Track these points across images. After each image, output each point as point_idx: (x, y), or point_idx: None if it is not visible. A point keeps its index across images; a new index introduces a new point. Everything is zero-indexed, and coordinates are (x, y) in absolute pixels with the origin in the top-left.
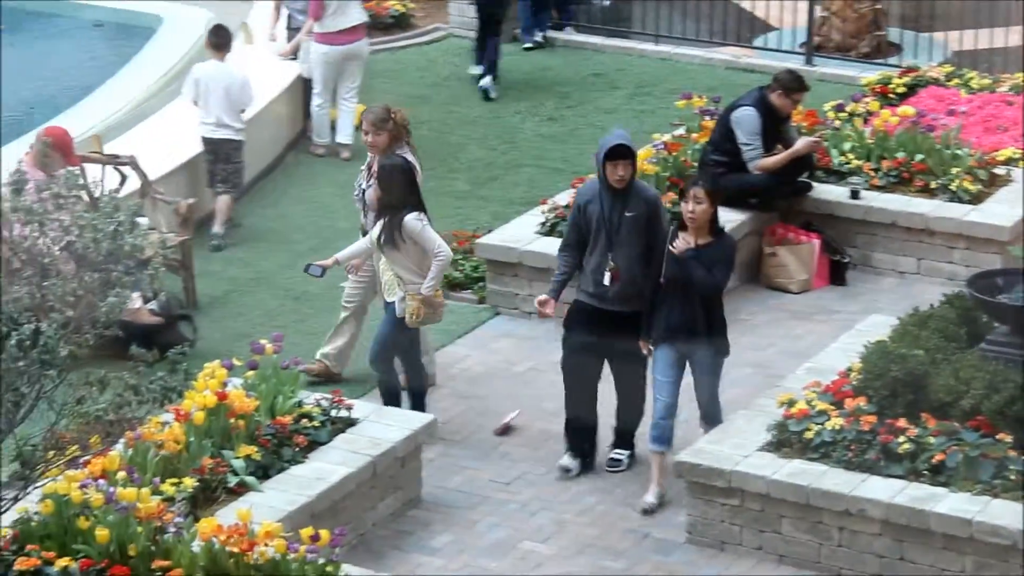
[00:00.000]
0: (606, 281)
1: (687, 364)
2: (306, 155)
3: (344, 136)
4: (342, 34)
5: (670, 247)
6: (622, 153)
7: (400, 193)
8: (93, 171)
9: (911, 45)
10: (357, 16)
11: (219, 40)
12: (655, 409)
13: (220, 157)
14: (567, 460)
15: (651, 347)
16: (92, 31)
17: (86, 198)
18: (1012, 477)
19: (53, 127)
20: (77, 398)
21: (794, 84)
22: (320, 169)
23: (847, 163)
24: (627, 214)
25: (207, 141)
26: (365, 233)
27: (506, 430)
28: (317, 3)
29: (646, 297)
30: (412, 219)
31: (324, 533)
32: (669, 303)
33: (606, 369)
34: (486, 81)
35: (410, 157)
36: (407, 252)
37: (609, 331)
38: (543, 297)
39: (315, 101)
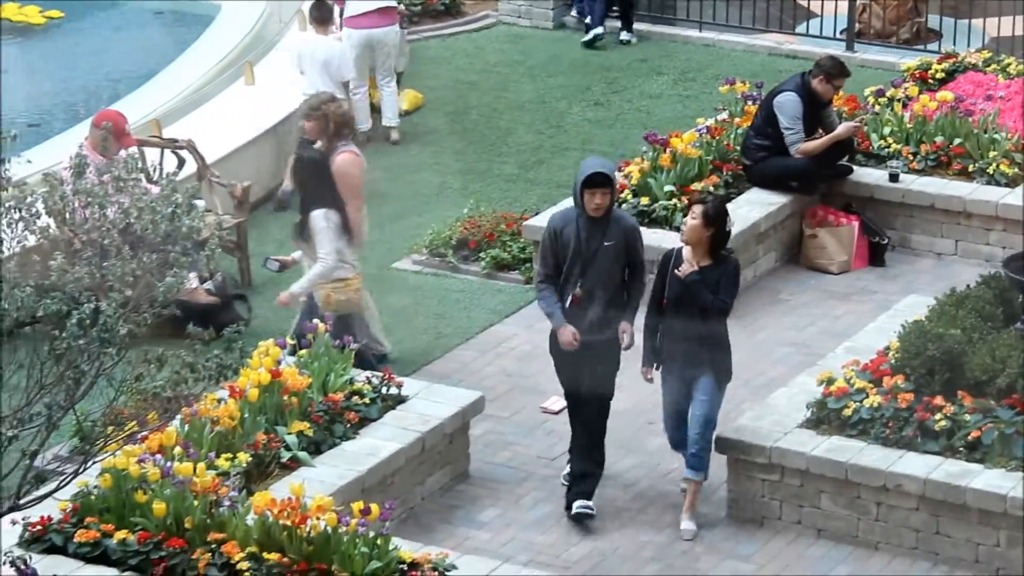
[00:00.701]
0: (566, 304)
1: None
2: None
3: (388, 119)
4: (365, 17)
5: (675, 270)
6: (600, 181)
7: (309, 188)
8: (152, 155)
9: (950, 32)
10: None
11: (321, 15)
12: (689, 439)
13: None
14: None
15: (651, 376)
16: (153, 19)
17: (145, 181)
18: None
19: (107, 111)
20: (135, 375)
21: (835, 70)
22: (368, 154)
23: (887, 147)
24: (605, 243)
25: None
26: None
27: (552, 411)
28: None
29: (646, 325)
30: (318, 216)
31: (374, 507)
32: (670, 328)
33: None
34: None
35: (354, 151)
36: (314, 246)
37: (581, 360)
38: (561, 328)
39: (352, 87)
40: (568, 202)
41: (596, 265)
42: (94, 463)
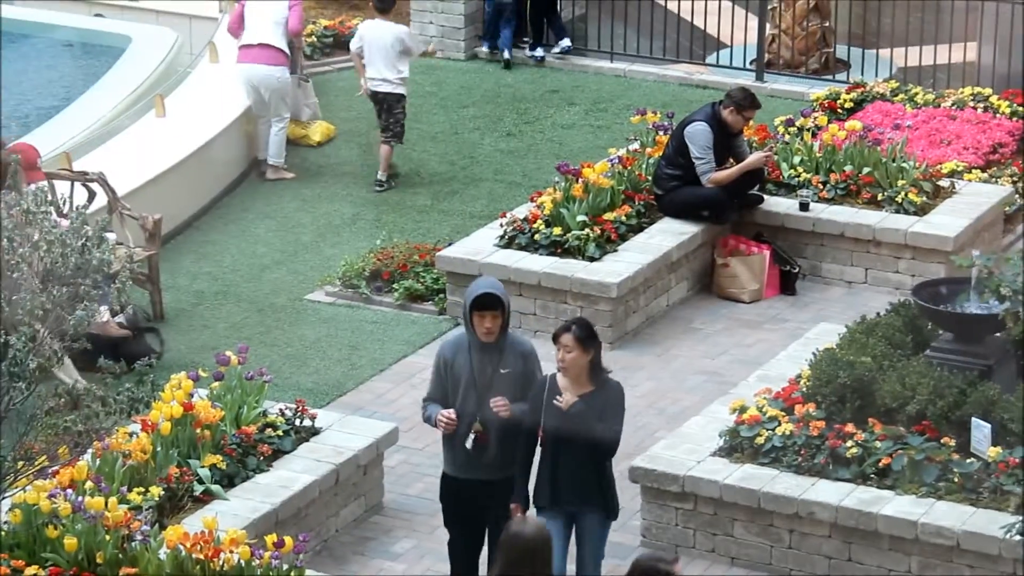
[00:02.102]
0: (468, 444)
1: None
2: None
3: (262, 153)
4: (243, 50)
5: (555, 401)
6: (490, 303)
7: None
8: (62, 187)
9: (858, 62)
10: (260, 35)
11: (383, 5)
12: None
13: (383, 108)
14: None
15: (523, 512)
16: (62, 51)
17: (55, 214)
18: (956, 480)
19: (18, 143)
20: (46, 410)
21: (746, 101)
22: (284, 185)
23: (797, 176)
24: (501, 371)
25: (372, 94)
26: None
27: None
28: (235, 14)
29: (518, 458)
30: None
31: (288, 540)
32: (552, 462)
33: None
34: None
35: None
36: None
37: (484, 504)
38: (439, 412)
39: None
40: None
41: (492, 396)
42: (4, 498)
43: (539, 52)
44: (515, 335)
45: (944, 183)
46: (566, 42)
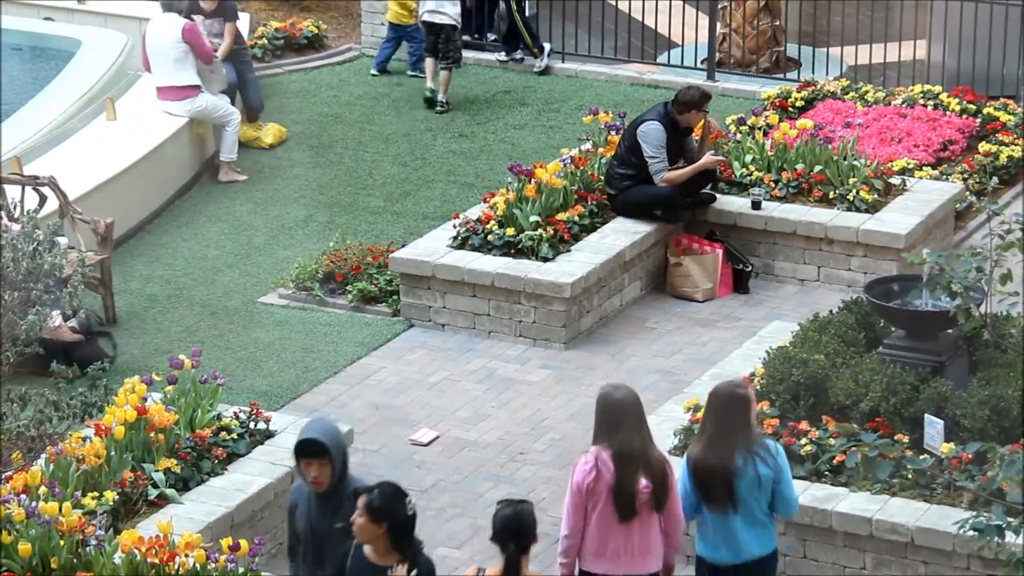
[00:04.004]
0: None
1: None
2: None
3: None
4: (156, 88)
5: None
6: (313, 450)
7: None
8: (13, 192)
9: (809, 60)
10: (161, 79)
11: None
12: None
13: (440, 38)
14: None
15: None
16: (11, 55)
17: (6, 219)
18: (909, 476)
19: None
20: None
21: (703, 99)
22: (236, 187)
23: (749, 175)
24: (336, 525)
25: (427, 24)
26: None
27: (421, 443)
28: (142, 51)
29: None
30: None
31: (243, 543)
32: None
33: None
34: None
35: None
36: None
37: None
38: None
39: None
40: (444, 236)
41: (332, 551)
42: None
43: (518, 54)
44: (358, 483)
45: (895, 181)
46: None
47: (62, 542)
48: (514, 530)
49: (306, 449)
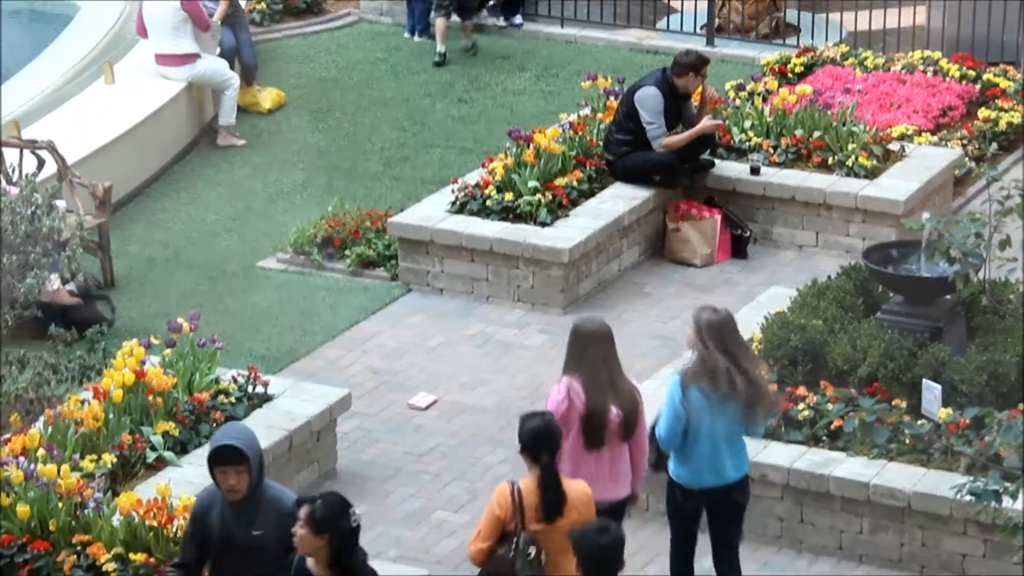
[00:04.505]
0: None
1: None
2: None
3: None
4: (155, 55)
5: None
6: (229, 457)
7: None
8: (11, 156)
9: (808, 26)
10: (159, 46)
11: None
12: None
13: None
14: None
15: None
16: (9, 19)
17: (4, 182)
18: (907, 441)
19: None
20: None
21: (699, 61)
22: (234, 152)
23: (747, 140)
24: (253, 532)
25: None
26: None
27: (419, 407)
28: (137, 17)
29: None
30: None
31: None
32: None
33: None
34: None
35: None
36: None
37: None
38: None
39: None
40: (433, 207)
41: (245, 562)
42: None
43: (517, 19)
44: (276, 489)
45: (894, 147)
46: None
47: (60, 504)
48: (545, 439)
49: (223, 456)
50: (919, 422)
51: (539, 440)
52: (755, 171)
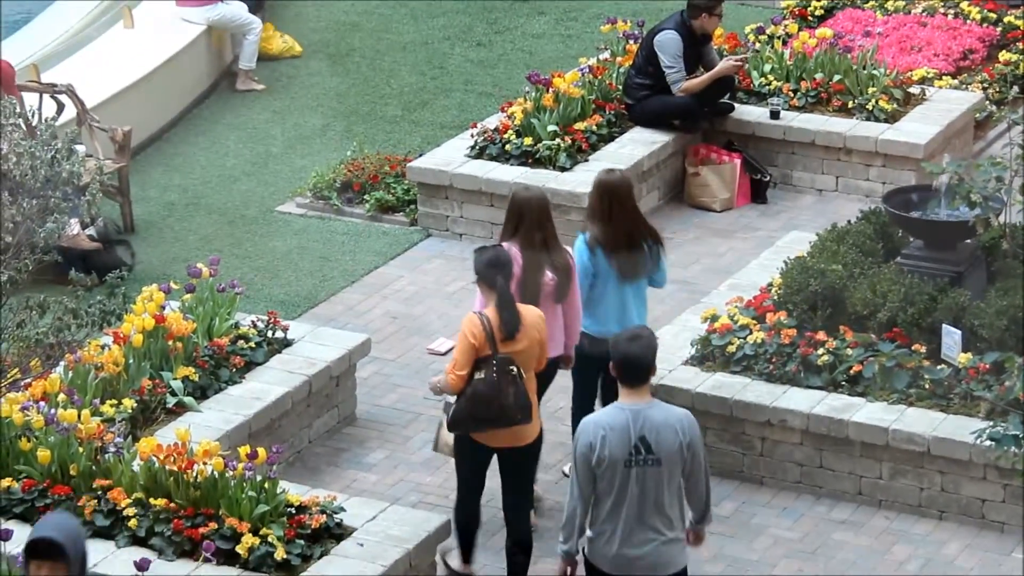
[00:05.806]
0: None
1: None
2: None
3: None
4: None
5: None
6: (45, 551)
7: None
8: (30, 100)
9: None
10: None
11: None
12: None
13: None
14: None
15: None
16: None
17: (24, 126)
18: (926, 386)
19: None
20: (17, 322)
21: (707, 3)
22: (253, 96)
23: (767, 84)
24: None
25: None
26: None
27: (439, 352)
28: None
29: None
30: None
31: (261, 451)
32: None
33: None
34: None
35: None
36: None
37: None
38: None
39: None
40: (447, 153)
41: None
42: None
43: None
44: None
45: (915, 90)
46: None
47: (81, 449)
48: (498, 264)
49: (38, 549)
50: (939, 367)
51: (493, 265)
52: (775, 115)
